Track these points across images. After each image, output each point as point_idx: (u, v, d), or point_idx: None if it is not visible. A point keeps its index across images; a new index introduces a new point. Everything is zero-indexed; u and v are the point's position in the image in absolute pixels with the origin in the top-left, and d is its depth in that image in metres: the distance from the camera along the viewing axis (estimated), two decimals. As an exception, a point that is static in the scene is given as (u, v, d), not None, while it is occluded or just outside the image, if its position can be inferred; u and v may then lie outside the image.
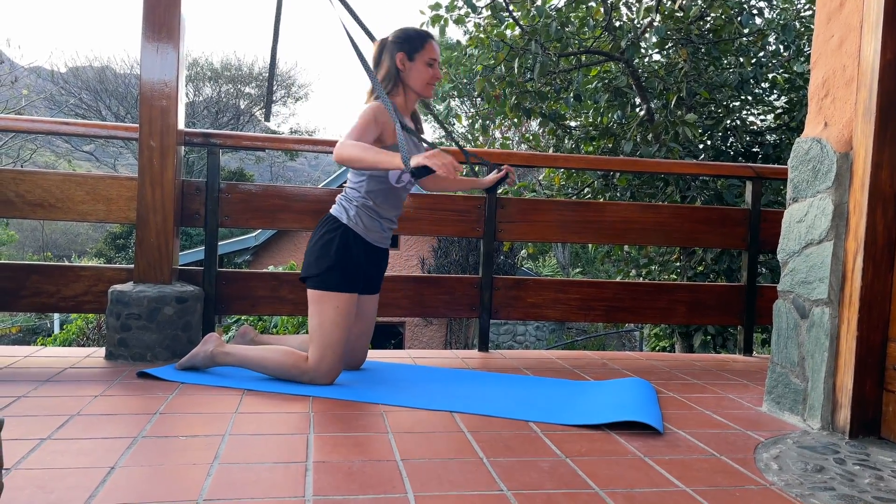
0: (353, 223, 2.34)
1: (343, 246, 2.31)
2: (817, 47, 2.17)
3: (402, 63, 2.31)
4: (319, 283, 2.30)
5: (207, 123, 20.39)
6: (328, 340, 2.27)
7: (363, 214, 2.35)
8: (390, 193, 2.38)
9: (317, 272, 2.30)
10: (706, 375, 2.80)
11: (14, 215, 2.83)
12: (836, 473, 1.65)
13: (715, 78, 6.24)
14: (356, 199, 2.36)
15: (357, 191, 2.36)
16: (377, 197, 2.36)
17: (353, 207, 2.35)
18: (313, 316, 2.30)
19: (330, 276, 2.29)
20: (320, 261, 2.31)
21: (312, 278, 2.31)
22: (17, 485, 1.39)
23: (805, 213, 2.14)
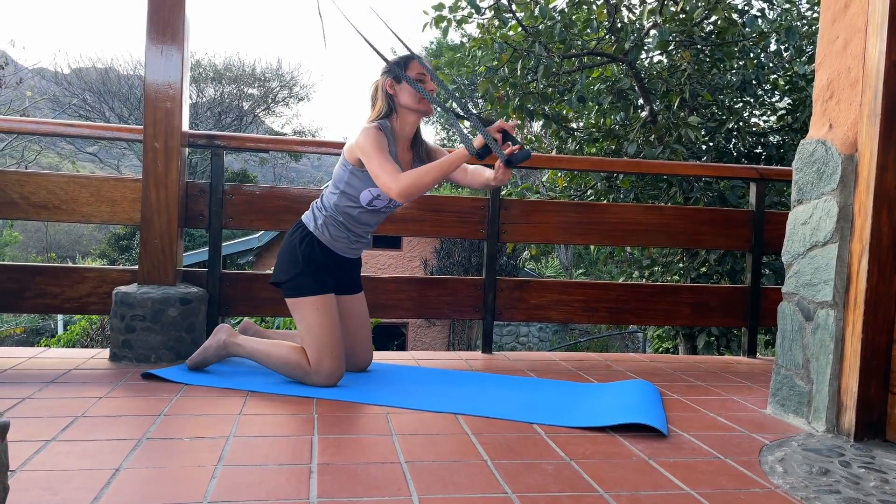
0: (319, 232, 2.39)
1: (308, 253, 2.36)
2: (822, 49, 2.17)
3: (391, 87, 2.33)
4: (293, 290, 2.35)
5: (210, 124, 20.41)
6: (320, 342, 2.28)
7: (330, 225, 2.39)
8: (361, 213, 2.40)
9: (286, 278, 2.35)
10: (710, 377, 2.80)
11: (18, 217, 2.84)
12: (841, 476, 1.65)
13: (718, 79, 6.24)
14: (327, 209, 2.40)
15: (328, 202, 2.39)
16: (346, 214, 2.39)
17: (321, 216, 2.40)
18: (299, 322, 2.35)
19: (300, 280, 2.33)
20: (289, 266, 2.36)
21: (285, 285, 2.36)
22: (22, 486, 1.39)
23: (810, 215, 2.13)
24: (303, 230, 2.40)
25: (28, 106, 13.61)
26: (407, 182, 2.16)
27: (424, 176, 2.18)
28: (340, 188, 2.36)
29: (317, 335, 2.29)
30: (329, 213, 2.39)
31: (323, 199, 2.43)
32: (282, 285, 2.38)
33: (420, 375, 2.59)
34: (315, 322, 2.30)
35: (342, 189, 2.36)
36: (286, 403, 2.12)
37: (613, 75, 6.55)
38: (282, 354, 2.33)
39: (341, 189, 2.36)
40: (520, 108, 6.18)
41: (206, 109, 21.11)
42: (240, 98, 22.34)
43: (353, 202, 2.37)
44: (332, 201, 2.38)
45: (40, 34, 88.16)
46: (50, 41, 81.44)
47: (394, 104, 2.35)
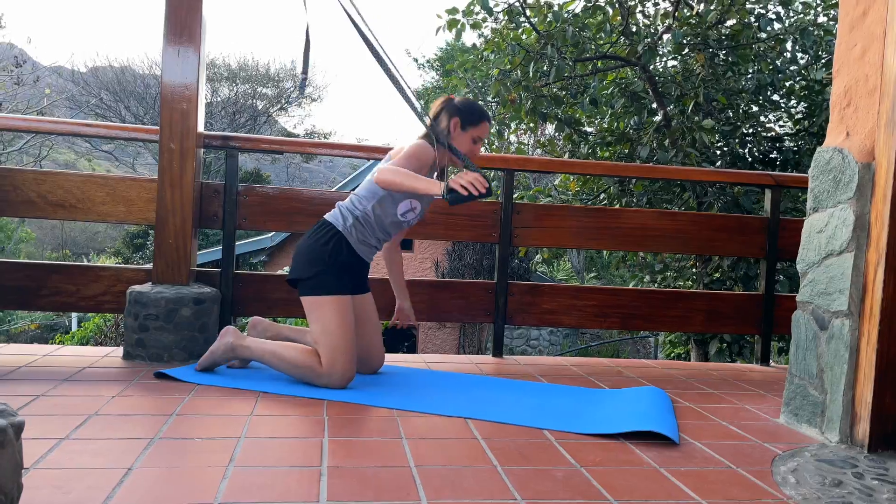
0: (348, 232, 2.40)
1: (335, 251, 2.37)
2: (839, 56, 2.15)
3: (454, 128, 2.44)
4: (314, 288, 2.34)
5: (225, 124, 20.54)
6: (335, 344, 2.28)
7: (359, 227, 2.41)
8: (391, 223, 2.45)
9: (308, 275, 2.35)
10: (722, 385, 2.78)
11: (36, 215, 2.87)
12: (854, 488, 1.63)
13: (732, 83, 6.20)
14: (358, 211, 2.41)
15: (362, 205, 2.41)
16: (378, 220, 2.42)
17: (351, 217, 2.41)
18: (315, 322, 2.34)
19: (323, 279, 2.33)
20: (311, 263, 2.36)
21: (305, 283, 2.36)
22: (35, 484, 1.40)
23: (825, 224, 2.12)
24: (330, 229, 2.41)
25: (46, 105, 13.76)
26: (390, 178, 2.26)
27: (404, 180, 2.24)
28: (381, 194, 2.38)
29: (332, 336, 2.29)
30: (360, 216, 2.40)
31: (354, 202, 2.44)
32: (301, 283, 2.38)
33: (430, 379, 2.60)
34: (332, 322, 2.30)
35: (383, 195, 2.38)
36: (297, 405, 2.13)
37: (627, 78, 6.53)
38: (292, 357, 2.34)
39: (382, 195, 2.38)
40: (532, 112, 6.17)
41: (221, 109, 21.24)
42: (254, 97, 22.47)
43: (389, 210, 2.41)
44: (366, 206, 2.40)
45: (58, 33, 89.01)
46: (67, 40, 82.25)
47: (446, 137, 2.44)
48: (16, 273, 2.83)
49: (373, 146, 3.46)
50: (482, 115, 2.49)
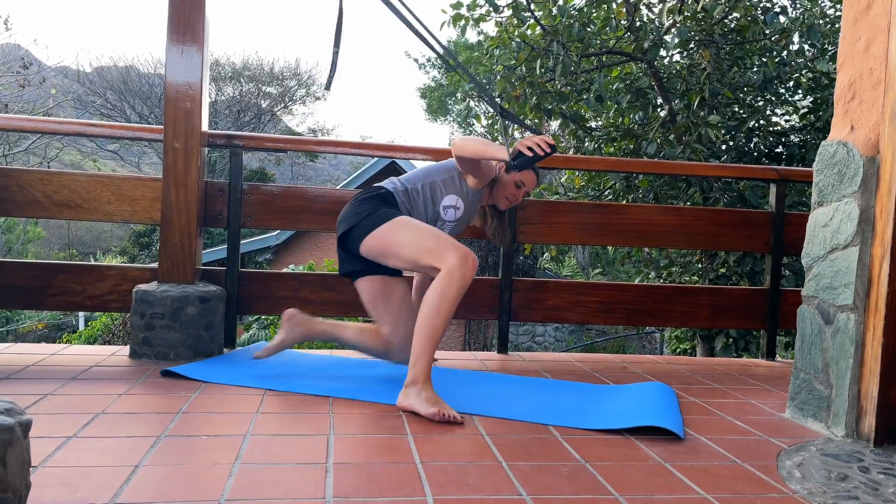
0: (396, 195, 2.37)
1: (385, 200, 2.33)
2: (844, 49, 2.14)
3: (503, 170, 2.48)
4: (375, 221, 2.22)
5: (229, 123, 20.57)
6: (441, 241, 2.13)
7: (407, 197, 2.38)
8: (433, 212, 2.43)
9: (362, 217, 2.25)
10: (728, 380, 2.77)
11: (42, 215, 2.89)
12: (860, 482, 1.63)
13: (738, 78, 6.17)
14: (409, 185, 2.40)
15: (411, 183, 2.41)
16: (425, 201, 2.41)
17: (402, 186, 2.40)
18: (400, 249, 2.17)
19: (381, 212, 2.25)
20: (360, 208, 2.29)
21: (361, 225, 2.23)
22: (43, 482, 1.41)
23: (830, 218, 2.11)
24: (378, 188, 2.38)
25: (52, 105, 13.81)
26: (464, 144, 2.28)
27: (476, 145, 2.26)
28: (436, 179, 2.40)
29: (428, 239, 2.15)
30: (410, 189, 2.39)
31: (404, 179, 2.42)
32: (355, 229, 2.25)
33: (436, 376, 2.60)
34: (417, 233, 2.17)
35: (435, 180, 2.40)
36: (302, 402, 2.13)
37: (632, 74, 6.51)
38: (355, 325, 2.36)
39: (433, 180, 2.40)
40: (537, 108, 6.16)
41: (226, 108, 21.26)
42: (258, 96, 22.49)
43: (436, 197, 2.41)
44: (416, 184, 2.40)
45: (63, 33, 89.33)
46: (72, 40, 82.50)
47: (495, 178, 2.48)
48: (23, 273, 2.84)
49: (377, 143, 3.47)
50: (531, 162, 2.38)
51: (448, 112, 21.25)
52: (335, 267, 7.47)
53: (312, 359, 2.84)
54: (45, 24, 76.38)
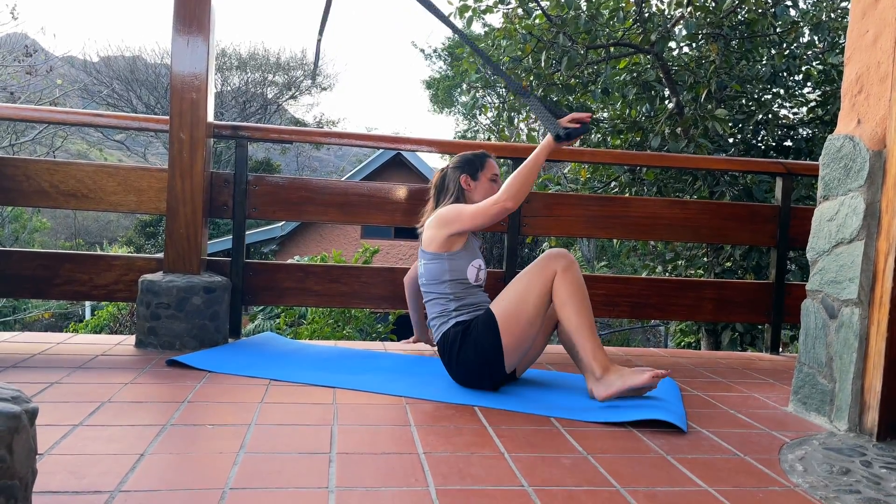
0: (458, 316, 2.29)
1: (468, 341, 2.23)
2: (851, 43, 2.13)
3: (466, 184, 2.42)
4: (488, 339, 2.18)
5: (235, 113, 20.57)
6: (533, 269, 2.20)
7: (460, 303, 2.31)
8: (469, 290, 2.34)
9: (478, 347, 2.20)
10: (732, 374, 2.78)
11: (48, 205, 2.90)
12: (862, 476, 1.63)
13: (747, 71, 6.14)
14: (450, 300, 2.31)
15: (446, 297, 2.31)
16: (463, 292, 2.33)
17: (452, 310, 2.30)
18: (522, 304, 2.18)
19: (478, 336, 2.21)
20: (463, 354, 2.23)
21: (487, 355, 2.19)
22: (49, 470, 1.43)
23: (836, 212, 2.10)
24: (452, 334, 2.26)
25: (59, 95, 13.83)
26: (508, 192, 2.23)
27: (522, 178, 2.25)
28: (446, 278, 2.31)
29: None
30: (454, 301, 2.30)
31: (437, 304, 2.33)
32: (487, 360, 2.20)
33: (439, 367, 2.61)
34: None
35: (448, 279, 2.31)
36: (307, 393, 2.15)
37: (640, 66, 6.48)
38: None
39: (447, 279, 2.31)
40: (543, 99, 6.14)
41: (232, 98, 21.27)
42: (264, 86, 22.47)
43: (464, 283, 2.32)
44: (447, 294, 2.31)
45: (70, 22, 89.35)
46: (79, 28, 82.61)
47: (465, 199, 2.42)
48: (30, 262, 2.86)
49: (382, 135, 3.46)
50: (482, 156, 2.48)
51: (454, 103, 21.20)
52: (343, 259, 7.49)
53: (317, 350, 2.85)
54: (53, 14, 76.38)
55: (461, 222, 2.28)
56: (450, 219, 2.30)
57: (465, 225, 2.28)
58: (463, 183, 2.42)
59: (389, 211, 3.11)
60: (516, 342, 2.19)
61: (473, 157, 2.48)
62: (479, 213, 2.25)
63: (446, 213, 2.32)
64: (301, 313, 7.31)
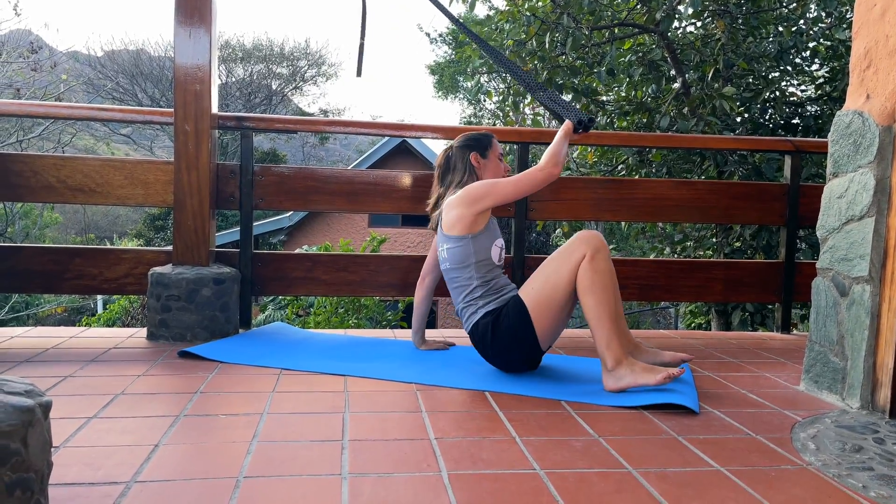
0: (485, 304, 2.28)
1: (500, 330, 2.22)
2: (859, 17, 2.10)
3: (477, 161, 2.41)
4: (517, 325, 2.18)
5: (240, 104, 20.57)
6: (563, 254, 2.19)
7: (486, 290, 2.30)
8: (493, 271, 2.34)
9: (510, 331, 2.20)
10: (743, 354, 2.77)
11: (56, 200, 2.91)
12: (874, 453, 1.63)
13: (753, 48, 6.07)
14: (475, 285, 2.30)
15: (472, 282, 2.30)
16: (490, 273, 2.32)
17: (479, 296, 2.29)
18: (553, 289, 2.17)
19: (511, 322, 2.20)
20: (498, 342, 2.23)
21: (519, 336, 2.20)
22: (65, 462, 1.44)
23: (846, 189, 2.09)
24: (482, 325, 2.25)
25: (64, 90, 13.86)
26: (552, 160, 2.27)
27: (558, 148, 2.30)
28: (472, 261, 2.29)
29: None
30: (480, 286, 2.30)
31: (463, 290, 2.32)
32: (517, 341, 2.21)
33: (449, 353, 2.62)
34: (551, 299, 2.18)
35: (474, 261, 2.29)
36: (318, 381, 2.16)
37: (645, 46, 6.42)
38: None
39: (473, 261, 2.29)
40: (548, 82, 6.10)
41: (237, 90, 21.25)
42: (268, 77, 22.44)
43: (488, 264, 2.31)
44: (473, 278, 2.29)
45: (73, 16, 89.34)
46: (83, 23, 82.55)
47: (477, 176, 2.41)
48: (40, 257, 2.88)
49: (387, 123, 3.46)
50: (489, 136, 2.48)
51: (458, 89, 21.10)
52: (351, 247, 7.50)
53: (327, 338, 2.86)
54: (56, 9, 76.37)
55: (496, 195, 2.26)
56: (481, 194, 2.27)
57: (504, 196, 2.26)
58: (473, 161, 2.40)
59: (396, 199, 3.10)
60: (549, 325, 2.19)
61: (481, 136, 2.47)
62: (525, 181, 2.26)
63: (475, 189, 2.28)
64: (310, 302, 7.34)
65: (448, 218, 2.31)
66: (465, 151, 2.42)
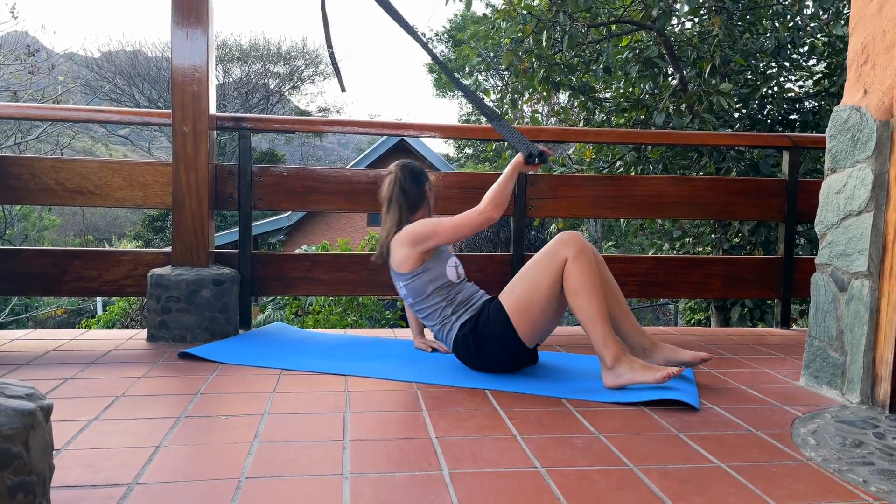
0: (457, 320, 2.31)
1: (472, 328, 2.26)
2: (856, 12, 2.10)
3: (430, 189, 2.49)
4: (497, 328, 2.20)
5: (238, 104, 20.55)
6: (543, 256, 2.20)
7: (453, 306, 2.33)
8: (458, 286, 2.37)
9: (493, 335, 2.21)
10: (742, 350, 2.77)
11: (55, 202, 2.91)
12: (875, 448, 1.63)
13: (751, 44, 6.07)
14: (446, 308, 2.33)
15: (440, 306, 2.33)
16: (455, 294, 2.35)
17: (449, 315, 2.32)
18: (534, 292, 2.18)
19: (488, 332, 2.23)
20: (484, 351, 2.25)
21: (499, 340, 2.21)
22: (67, 465, 1.45)
23: (844, 184, 2.09)
24: (461, 338, 2.27)
25: (61, 92, 13.83)
26: (493, 202, 2.28)
27: (501, 189, 2.31)
28: (431, 289, 2.32)
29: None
30: (447, 306, 2.32)
31: (433, 315, 2.34)
32: (500, 346, 2.23)
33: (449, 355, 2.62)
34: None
35: (433, 289, 2.32)
36: (319, 381, 2.16)
37: (642, 42, 6.41)
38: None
39: (432, 289, 2.32)
40: (545, 80, 6.10)
41: (234, 90, 21.24)
42: (266, 76, 22.42)
43: (448, 286, 2.34)
44: (438, 302, 2.33)
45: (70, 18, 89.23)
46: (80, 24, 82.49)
47: (427, 203, 2.47)
48: (39, 260, 2.88)
49: (385, 122, 3.45)
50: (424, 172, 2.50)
51: (456, 87, 21.08)
52: (349, 247, 7.50)
53: (327, 338, 2.86)
54: (53, 11, 76.23)
55: (439, 236, 2.29)
56: (425, 235, 2.29)
57: (446, 238, 2.29)
58: (427, 190, 2.46)
59: (395, 197, 3.10)
60: (532, 327, 2.19)
61: (419, 167, 2.49)
62: (464, 225, 2.28)
63: (419, 229, 2.30)
64: (309, 302, 7.34)
65: (396, 257, 2.35)
66: (420, 179, 2.44)
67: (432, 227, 2.29)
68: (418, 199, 2.43)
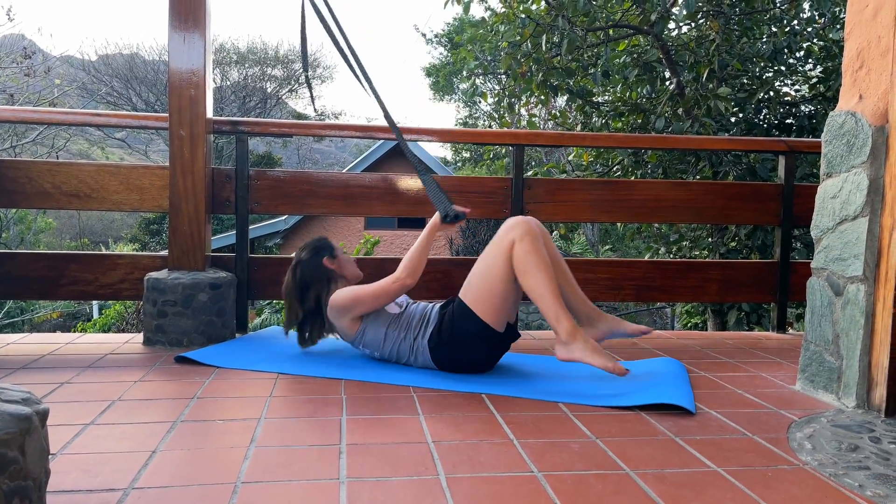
0: (427, 335, 2.33)
1: (456, 338, 2.28)
2: (851, 17, 2.11)
3: (331, 263, 2.47)
4: (468, 326, 2.25)
5: (235, 108, 20.56)
6: (494, 245, 2.26)
7: (417, 329, 2.36)
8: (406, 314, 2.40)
9: (464, 339, 2.27)
10: (738, 354, 2.78)
11: (52, 206, 2.91)
12: (871, 452, 1.64)
13: (748, 48, 6.09)
14: (410, 343, 2.35)
15: (401, 340, 2.36)
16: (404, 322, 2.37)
17: (418, 340, 2.34)
18: (490, 280, 2.23)
19: (462, 341, 2.28)
20: (459, 354, 2.30)
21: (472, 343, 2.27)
22: (63, 469, 1.44)
23: (839, 189, 2.10)
24: (435, 351, 2.31)
25: (58, 95, 13.83)
26: (407, 269, 2.33)
27: (417, 255, 2.36)
28: (384, 331, 2.37)
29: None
30: (407, 334, 2.36)
31: (399, 348, 2.37)
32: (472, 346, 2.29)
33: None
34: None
35: (385, 330, 2.37)
36: (315, 385, 2.16)
37: (640, 47, 6.43)
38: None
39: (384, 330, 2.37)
40: (543, 84, 6.11)
41: (231, 93, 21.25)
42: (263, 80, 22.43)
43: (397, 318, 2.38)
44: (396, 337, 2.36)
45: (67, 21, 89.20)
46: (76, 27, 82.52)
47: (335, 275, 2.48)
48: (35, 263, 2.87)
49: (382, 126, 3.45)
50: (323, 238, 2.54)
51: (454, 90, 21.12)
52: (344, 251, 7.49)
53: (323, 342, 2.86)
54: (49, 14, 76.20)
55: (363, 305, 2.34)
56: (349, 305, 2.34)
57: (369, 306, 2.34)
58: (328, 264, 2.46)
59: (392, 201, 3.11)
60: (496, 314, 2.24)
61: (318, 242, 2.51)
62: (382, 293, 2.32)
63: (342, 300, 2.34)
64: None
65: (340, 329, 2.42)
66: (316, 260, 2.45)
67: (353, 296, 2.34)
68: (318, 278, 2.44)
